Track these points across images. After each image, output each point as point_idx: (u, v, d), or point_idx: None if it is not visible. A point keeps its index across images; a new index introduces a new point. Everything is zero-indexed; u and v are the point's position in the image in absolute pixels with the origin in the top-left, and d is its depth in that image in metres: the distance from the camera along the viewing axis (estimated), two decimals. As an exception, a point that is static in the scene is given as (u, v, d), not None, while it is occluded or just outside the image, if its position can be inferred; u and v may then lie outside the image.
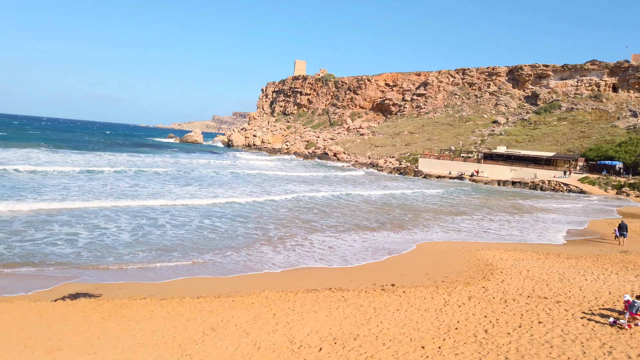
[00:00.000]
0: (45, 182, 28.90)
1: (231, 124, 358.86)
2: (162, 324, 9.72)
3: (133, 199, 25.29)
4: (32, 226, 17.55)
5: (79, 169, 36.46)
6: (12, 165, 34.07)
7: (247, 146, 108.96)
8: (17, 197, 22.81)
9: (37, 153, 49.83)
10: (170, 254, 15.77)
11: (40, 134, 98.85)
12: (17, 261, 13.50)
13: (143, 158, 56.06)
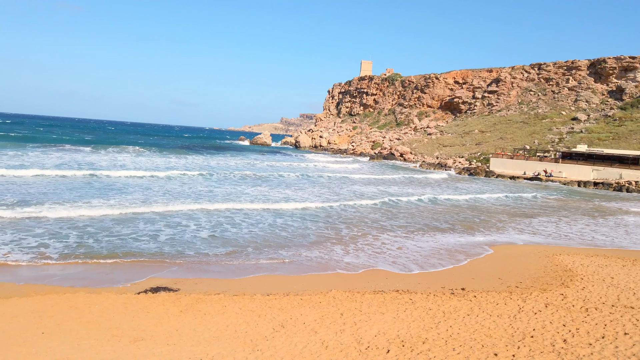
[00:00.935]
0: (141, 183, 31.01)
1: (298, 125, 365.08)
2: (235, 319, 10.13)
3: (211, 200, 26.47)
4: (119, 223, 18.94)
5: (164, 174, 38.68)
6: (107, 171, 36.78)
7: (313, 147, 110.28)
8: (105, 197, 24.65)
9: (132, 156, 53.58)
10: (244, 250, 16.50)
11: (134, 138, 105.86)
12: (104, 253, 14.64)
13: (224, 159, 58.43)
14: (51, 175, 31.16)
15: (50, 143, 64.12)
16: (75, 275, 12.86)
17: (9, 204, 20.60)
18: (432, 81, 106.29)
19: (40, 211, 19.45)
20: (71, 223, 18.35)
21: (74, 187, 27.36)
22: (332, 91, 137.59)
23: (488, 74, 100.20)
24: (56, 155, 48.15)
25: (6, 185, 25.88)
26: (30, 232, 16.58)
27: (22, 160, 40.37)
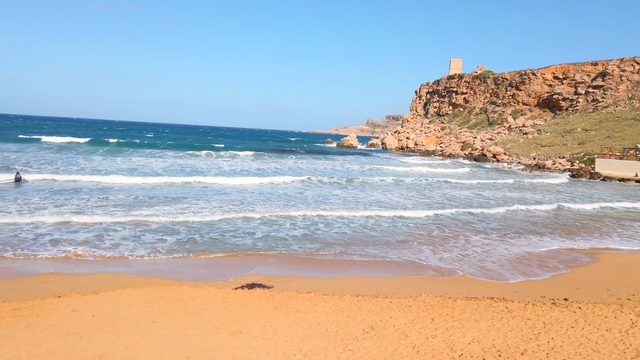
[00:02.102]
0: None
1: (384, 127, 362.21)
2: (326, 318, 10.36)
3: (305, 202, 27.26)
4: (223, 220, 20.31)
5: (265, 180, 40.39)
6: (217, 178, 39.20)
7: (399, 149, 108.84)
8: (207, 199, 26.36)
9: (250, 160, 56.87)
10: (333, 249, 16.88)
11: (233, 143, 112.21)
12: (207, 249, 15.69)
13: (314, 162, 59.89)
14: (177, 183, 33.92)
15: (173, 149, 68.75)
16: (180, 269, 13.97)
17: (132, 206, 22.81)
18: (528, 77, 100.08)
19: (172, 213, 21.30)
20: (185, 224, 19.86)
21: (197, 192, 29.58)
22: (419, 91, 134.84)
23: (592, 68, 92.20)
24: (186, 161, 52.33)
25: (133, 189, 28.66)
26: (147, 228, 18.25)
27: (168, 161, 44.38)
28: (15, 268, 13.27)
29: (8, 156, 43.95)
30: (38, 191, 25.28)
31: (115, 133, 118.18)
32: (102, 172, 35.12)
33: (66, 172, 34.11)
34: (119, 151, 57.95)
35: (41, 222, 18.20)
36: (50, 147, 59.04)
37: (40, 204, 21.84)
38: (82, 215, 19.62)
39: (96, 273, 13.13)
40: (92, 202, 22.94)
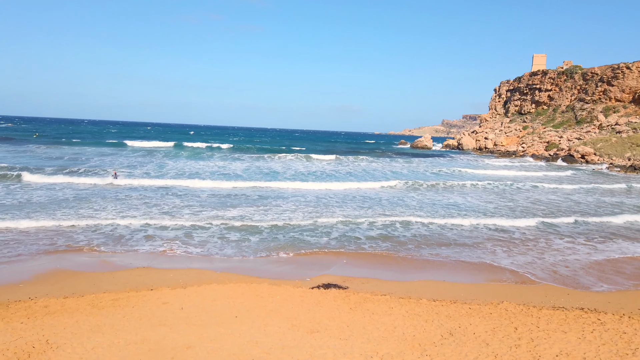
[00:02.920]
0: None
1: (460, 127, 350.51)
2: (402, 321, 10.28)
3: (381, 205, 27.20)
4: (301, 220, 20.84)
5: (343, 184, 40.79)
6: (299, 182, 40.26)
7: (477, 149, 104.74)
8: (287, 200, 27.11)
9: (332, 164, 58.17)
10: (406, 248, 16.70)
11: (312, 145, 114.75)
12: (280, 248, 16.15)
13: (388, 164, 59.58)
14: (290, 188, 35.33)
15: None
16: (260, 267, 14.53)
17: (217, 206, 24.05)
18: (621, 72, 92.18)
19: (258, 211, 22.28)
20: (266, 225, 20.61)
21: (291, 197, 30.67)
22: (498, 89, 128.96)
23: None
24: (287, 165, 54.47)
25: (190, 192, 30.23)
26: (231, 228, 19.19)
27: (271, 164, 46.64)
28: (113, 262, 14.50)
29: (104, 159, 48.03)
30: (132, 191, 27.36)
31: (199, 137, 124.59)
32: (187, 175, 37.26)
33: (156, 174, 36.59)
34: (201, 154, 61.03)
35: (135, 220, 19.71)
36: (139, 150, 63.51)
37: (134, 203, 23.65)
38: (171, 215, 20.99)
39: (184, 268, 14.00)
40: (179, 202, 24.44)
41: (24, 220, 18.49)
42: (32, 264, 13.84)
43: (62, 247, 15.70)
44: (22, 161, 41.48)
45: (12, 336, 8.64)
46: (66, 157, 49.12)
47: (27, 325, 9.27)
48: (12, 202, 22.81)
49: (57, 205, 22.23)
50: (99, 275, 13.20)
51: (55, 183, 29.25)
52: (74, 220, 19.09)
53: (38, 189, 26.75)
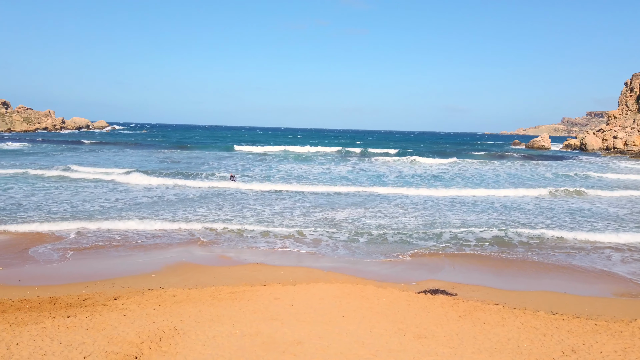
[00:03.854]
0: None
1: (584, 125, 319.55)
2: (516, 333, 9.70)
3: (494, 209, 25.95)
4: (408, 223, 20.59)
5: (451, 190, 39.75)
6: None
7: (604, 149, 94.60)
8: (396, 203, 26.97)
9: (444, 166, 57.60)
10: (518, 255, 15.69)
11: (405, 145, 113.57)
12: (387, 250, 16.11)
13: (507, 167, 56.63)
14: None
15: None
16: (366, 268, 14.68)
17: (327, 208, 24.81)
18: None
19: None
20: (374, 226, 20.82)
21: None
22: (630, 83, 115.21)
23: None
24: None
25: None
26: (340, 228, 19.67)
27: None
28: (231, 257, 15.62)
29: (220, 162, 51.90)
30: (247, 192, 29.20)
31: (305, 140, 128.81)
32: (295, 177, 38.82)
33: (266, 176, 38.65)
34: (307, 157, 62.99)
35: (250, 219, 21.04)
36: (249, 154, 67.36)
37: (250, 203, 25.24)
38: (282, 215, 22.07)
39: (293, 266, 14.63)
40: (290, 204, 25.56)
41: (155, 218, 20.68)
42: (162, 257, 15.43)
43: (187, 242, 17.27)
44: (150, 165, 46.32)
45: (147, 321, 9.72)
46: (187, 160, 53.90)
47: (158, 311, 10.36)
48: (147, 200, 25.61)
49: (182, 204, 24.48)
50: (217, 269, 14.31)
51: (179, 184, 32.23)
52: (196, 218, 20.91)
53: (170, 189, 29.67)
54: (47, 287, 12.17)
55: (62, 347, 8.24)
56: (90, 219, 19.93)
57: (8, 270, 13.51)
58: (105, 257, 15.20)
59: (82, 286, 12.33)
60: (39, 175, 34.37)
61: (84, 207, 22.82)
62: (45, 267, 13.97)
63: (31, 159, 48.88)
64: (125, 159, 54.37)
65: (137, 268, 14.20)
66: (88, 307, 10.59)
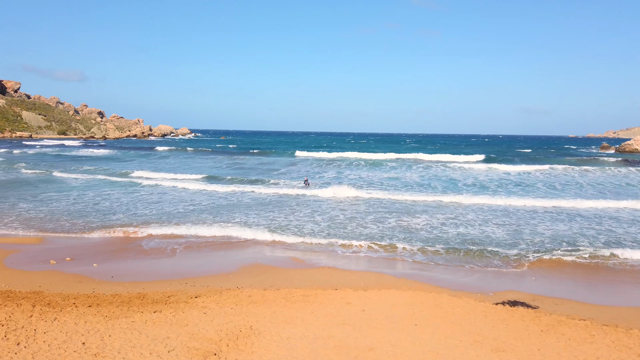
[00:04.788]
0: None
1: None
2: (606, 352, 9.00)
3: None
4: (486, 230, 19.89)
5: (540, 200, 38.02)
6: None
7: None
8: (473, 209, 26.16)
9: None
10: (601, 262, 14.48)
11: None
12: (462, 258, 15.58)
13: (599, 174, 53.04)
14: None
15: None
16: (440, 276, 14.30)
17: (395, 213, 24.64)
18: None
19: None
20: (451, 233, 20.36)
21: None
22: None
23: None
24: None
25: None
26: (415, 234, 19.42)
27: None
28: (303, 260, 15.92)
29: (292, 168, 53.04)
30: (320, 196, 29.62)
31: (373, 145, 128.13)
32: (366, 183, 38.78)
33: (337, 182, 38.92)
34: (377, 163, 62.63)
35: (323, 223, 21.31)
36: (319, 160, 68.09)
37: (323, 208, 25.59)
38: (355, 220, 22.13)
39: (364, 271, 14.61)
40: (364, 209, 25.57)
41: (231, 221, 21.58)
42: (238, 258, 16.05)
43: (261, 244, 17.84)
44: (226, 171, 48.32)
45: (224, 319, 10.16)
46: (261, 166, 55.64)
47: (235, 311, 10.78)
48: (225, 204, 26.78)
49: (256, 208, 25.32)
50: (290, 271, 14.63)
51: (252, 190, 33.34)
52: (269, 222, 21.54)
53: (244, 194, 30.83)
54: (136, 284, 13.10)
55: (148, 340, 8.83)
56: (171, 222, 21.21)
57: (102, 266, 14.70)
58: (187, 258, 16.07)
59: (166, 284, 13.13)
60: (123, 181, 37.12)
61: (167, 210, 24.30)
62: (134, 265, 15.04)
63: (119, 164, 52.90)
64: (204, 164, 57.25)
65: (215, 268, 14.87)
66: (172, 303, 11.26)
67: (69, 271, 14.01)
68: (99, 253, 16.26)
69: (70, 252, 16.19)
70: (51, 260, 15.07)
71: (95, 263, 14.98)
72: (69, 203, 25.99)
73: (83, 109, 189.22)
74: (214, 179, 38.64)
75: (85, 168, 47.45)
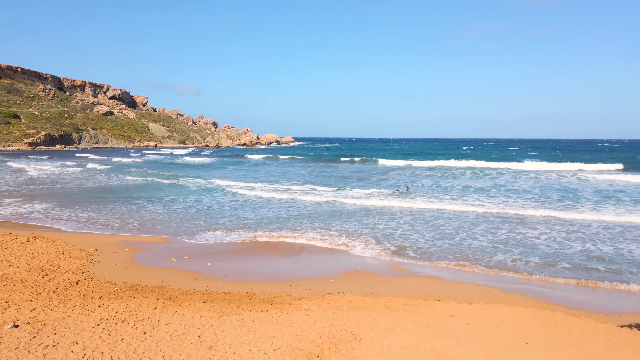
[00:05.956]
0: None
1: None
2: None
3: None
4: (614, 246, 18.11)
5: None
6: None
7: None
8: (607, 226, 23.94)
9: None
10: None
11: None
12: (583, 274, 14.23)
13: None
14: None
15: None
16: (554, 292, 13.20)
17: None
18: None
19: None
20: (576, 248, 18.89)
21: None
22: None
23: None
24: None
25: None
26: (530, 247, 18.31)
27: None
28: (404, 268, 15.70)
29: (392, 174, 52.55)
30: (423, 204, 29.04)
31: (485, 151, 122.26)
32: (472, 192, 37.15)
33: (442, 190, 37.81)
34: (484, 171, 59.57)
35: (426, 233, 20.84)
36: (421, 167, 66.52)
37: (426, 217, 25.05)
38: (461, 230, 21.32)
39: (469, 283, 14.00)
40: (472, 218, 24.57)
41: (331, 228, 21.98)
42: (338, 263, 16.29)
43: (361, 250, 17.91)
44: (325, 179, 49.21)
45: (326, 323, 10.38)
46: (360, 172, 55.86)
47: (336, 315, 10.97)
48: (329, 209, 27.38)
49: (356, 215, 25.50)
50: (390, 279, 14.51)
51: (352, 195, 33.59)
52: (369, 229, 21.58)
53: (343, 199, 31.26)
54: (244, 283, 13.92)
55: (256, 338, 9.34)
56: (272, 227, 22.21)
57: (215, 265, 15.83)
58: (289, 261, 16.69)
59: (271, 285, 13.77)
60: (222, 188, 39.56)
61: (269, 216, 25.46)
62: (242, 265, 15.98)
63: (224, 172, 56.45)
64: (304, 171, 59.00)
65: (317, 272, 15.25)
66: (277, 304, 11.78)
67: (187, 269, 15.30)
68: (212, 253, 17.52)
69: (187, 251, 17.67)
70: (172, 258, 16.58)
71: (209, 262, 16.17)
72: (186, 206, 28.41)
73: (200, 120, 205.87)
74: (310, 187, 39.66)
75: (184, 174, 51.49)
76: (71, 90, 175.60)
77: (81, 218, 24.29)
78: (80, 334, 9.00)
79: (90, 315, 10.16)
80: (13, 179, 44.74)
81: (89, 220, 23.80)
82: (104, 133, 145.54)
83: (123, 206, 28.26)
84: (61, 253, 16.39)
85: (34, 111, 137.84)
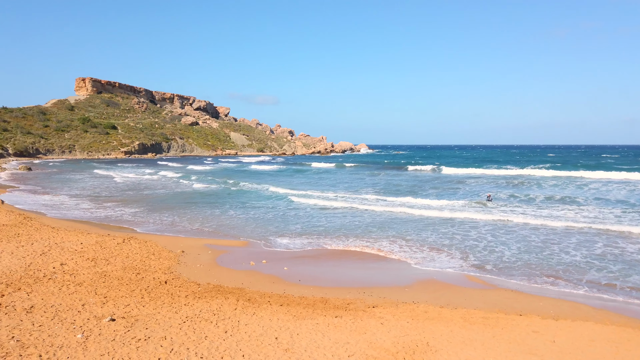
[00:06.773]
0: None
1: None
2: None
3: None
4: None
5: None
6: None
7: None
8: None
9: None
10: None
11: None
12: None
13: None
14: None
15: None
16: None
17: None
18: None
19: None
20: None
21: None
22: None
23: None
24: None
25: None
26: (631, 265, 16.98)
27: None
28: (484, 280, 15.11)
29: (471, 181, 50.69)
30: (504, 214, 27.82)
31: (573, 160, 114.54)
32: (557, 203, 34.96)
33: (525, 201, 35.92)
34: (567, 180, 55.69)
35: (513, 244, 19.95)
36: (501, 177, 63.50)
37: (506, 226, 23.97)
38: (547, 242, 20.17)
39: (555, 298, 13.16)
40: (561, 229, 23.16)
41: (404, 237, 21.67)
42: (412, 272, 16.03)
43: (433, 260, 17.50)
44: (395, 186, 48.48)
45: (401, 332, 10.29)
46: (434, 180, 54.44)
47: (411, 325, 10.83)
48: (401, 218, 27.06)
49: (429, 225, 24.93)
50: (467, 290, 14.02)
51: (426, 204, 32.85)
52: (443, 238, 21.03)
53: (419, 211, 30.69)
54: (319, 288, 14.14)
55: (330, 343, 9.48)
56: (344, 234, 22.31)
57: (291, 270, 16.24)
58: (362, 268, 16.69)
59: (345, 291, 13.87)
60: (293, 197, 40.24)
61: (338, 224, 25.61)
62: (316, 271, 16.25)
63: (290, 179, 57.50)
64: (374, 179, 58.63)
65: (390, 280, 15.13)
66: (351, 311, 11.86)
67: (265, 272, 15.84)
68: (287, 258, 17.98)
69: (265, 255, 18.28)
70: (251, 261, 17.26)
71: (285, 267, 16.62)
72: (264, 212, 29.41)
73: (277, 129, 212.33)
74: (379, 197, 39.30)
75: (257, 181, 53.04)
76: (161, 103, 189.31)
77: (165, 222, 25.98)
78: (168, 330, 9.68)
79: (177, 313, 10.88)
80: (105, 185, 48.85)
81: (173, 223, 25.40)
82: (190, 142, 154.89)
83: (207, 210, 29.86)
84: (152, 254, 17.65)
85: (129, 122, 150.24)
